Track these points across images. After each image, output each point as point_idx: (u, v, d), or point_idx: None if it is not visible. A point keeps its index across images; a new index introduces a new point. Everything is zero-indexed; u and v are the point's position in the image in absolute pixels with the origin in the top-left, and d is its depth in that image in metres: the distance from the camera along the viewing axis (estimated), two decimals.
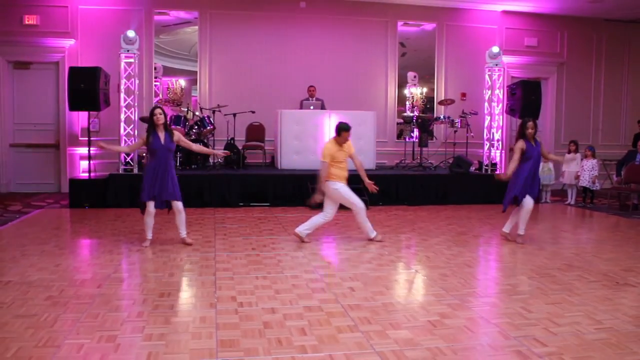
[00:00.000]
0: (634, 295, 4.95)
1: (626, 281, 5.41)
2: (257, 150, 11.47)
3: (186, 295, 4.89)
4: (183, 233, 6.72)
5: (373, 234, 7.14)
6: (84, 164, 10.92)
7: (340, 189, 6.79)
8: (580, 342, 3.81)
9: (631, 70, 14.24)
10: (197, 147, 7.25)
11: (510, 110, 11.71)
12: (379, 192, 7.25)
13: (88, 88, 9.49)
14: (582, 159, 11.09)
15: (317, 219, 6.94)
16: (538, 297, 4.81)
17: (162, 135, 6.48)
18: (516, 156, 7.03)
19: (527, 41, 13.39)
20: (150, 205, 6.52)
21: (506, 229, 7.35)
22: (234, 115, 10.89)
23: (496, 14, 13.13)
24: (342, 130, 6.75)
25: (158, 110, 6.50)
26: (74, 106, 9.79)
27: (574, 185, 11.23)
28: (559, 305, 4.59)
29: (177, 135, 6.62)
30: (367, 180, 6.96)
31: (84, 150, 10.75)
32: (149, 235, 6.68)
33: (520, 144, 7.00)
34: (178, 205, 6.57)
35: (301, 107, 11.43)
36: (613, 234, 8.16)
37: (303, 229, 6.92)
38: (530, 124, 7.00)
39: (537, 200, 11.16)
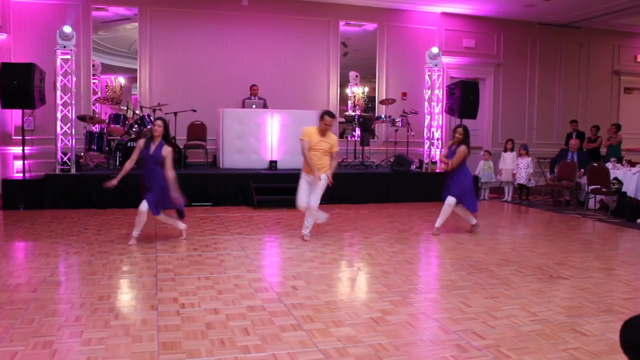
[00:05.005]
0: (566, 288, 5.16)
1: (559, 274, 5.64)
2: (198, 149, 11.35)
3: (126, 297, 4.78)
4: (135, 232, 6.75)
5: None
6: (18, 164, 10.52)
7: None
8: (516, 334, 3.94)
9: (563, 72, 14.81)
10: (171, 174, 6.58)
11: (450, 110, 12.00)
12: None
13: (22, 85, 9.13)
14: (517, 157, 11.48)
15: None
16: (477, 292, 4.95)
17: (153, 146, 6.50)
18: None
19: (465, 42, 13.73)
20: (141, 205, 6.48)
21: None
22: (175, 114, 10.73)
23: (435, 16, 13.40)
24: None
25: (158, 122, 6.54)
26: (7, 104, 9.39)
27: (510, 182, 11.62)
28: (497, 299, 4.74)
29: (167, 151, 6.49)
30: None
31: (17, 150, 10.35)
32: (135, 233, 6.72)
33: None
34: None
35: (243, 106, 11.36)
36: (547, 229, 8.49)
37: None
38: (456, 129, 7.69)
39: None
